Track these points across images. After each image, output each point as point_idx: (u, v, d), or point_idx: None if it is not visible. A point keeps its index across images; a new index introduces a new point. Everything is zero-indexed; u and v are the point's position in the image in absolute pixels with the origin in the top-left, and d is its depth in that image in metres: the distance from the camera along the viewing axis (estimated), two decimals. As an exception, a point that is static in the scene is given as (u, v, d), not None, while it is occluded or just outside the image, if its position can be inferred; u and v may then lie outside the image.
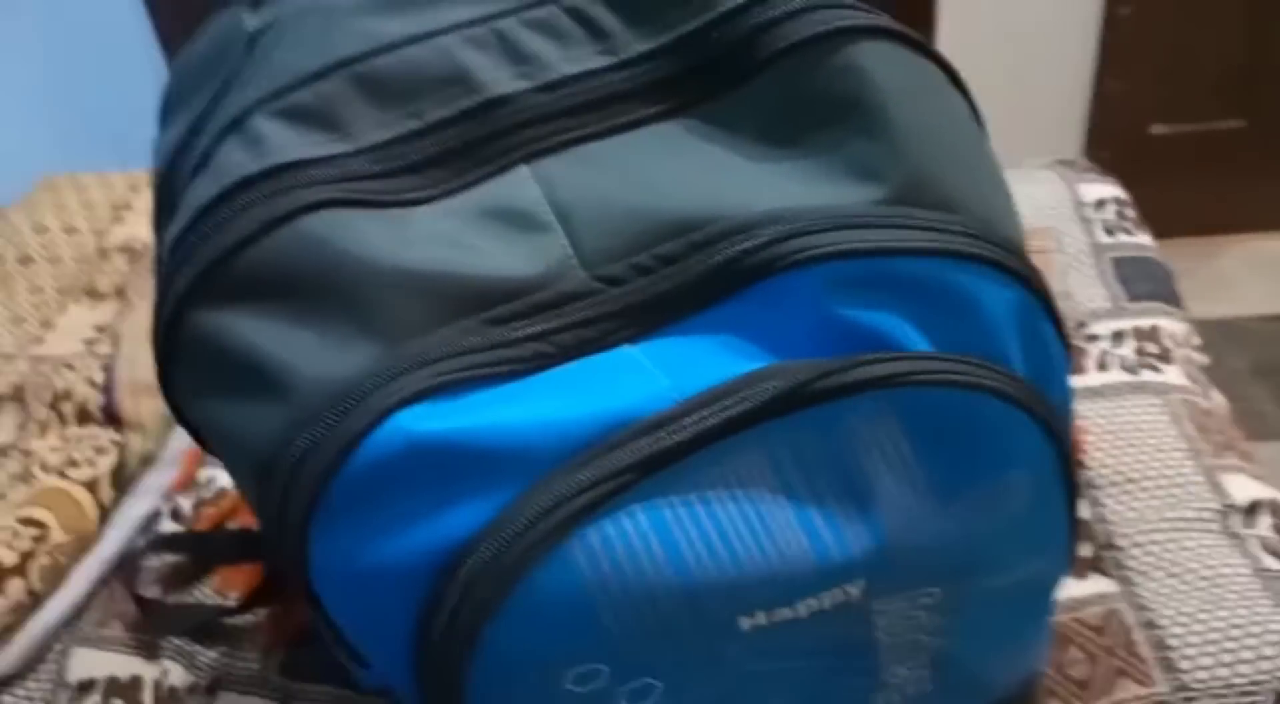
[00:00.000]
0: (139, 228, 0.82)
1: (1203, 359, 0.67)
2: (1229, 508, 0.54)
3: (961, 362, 0.29)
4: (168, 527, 0.62)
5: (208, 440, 0.33)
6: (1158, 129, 1.49)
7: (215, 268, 0.30)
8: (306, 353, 0.30)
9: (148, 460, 0.65)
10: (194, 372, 0.32)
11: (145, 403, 0.66)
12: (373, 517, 0.29)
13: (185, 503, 0.63)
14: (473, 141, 0.33)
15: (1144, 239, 0.76)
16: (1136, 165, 0.88)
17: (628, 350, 0.31)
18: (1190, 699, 0.45)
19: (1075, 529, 0.34)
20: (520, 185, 0.32)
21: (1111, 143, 1.43)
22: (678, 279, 0.31)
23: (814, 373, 0.28)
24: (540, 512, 0.27)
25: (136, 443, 0.64)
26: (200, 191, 0.32)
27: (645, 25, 0.33)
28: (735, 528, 0.28)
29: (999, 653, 0.37)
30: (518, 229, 0.32)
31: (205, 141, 0.34)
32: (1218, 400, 0.63)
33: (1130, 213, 0.78)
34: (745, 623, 0.29)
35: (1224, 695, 0.45)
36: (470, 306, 0.31)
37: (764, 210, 0.30)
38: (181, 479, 0.65)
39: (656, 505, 0.28)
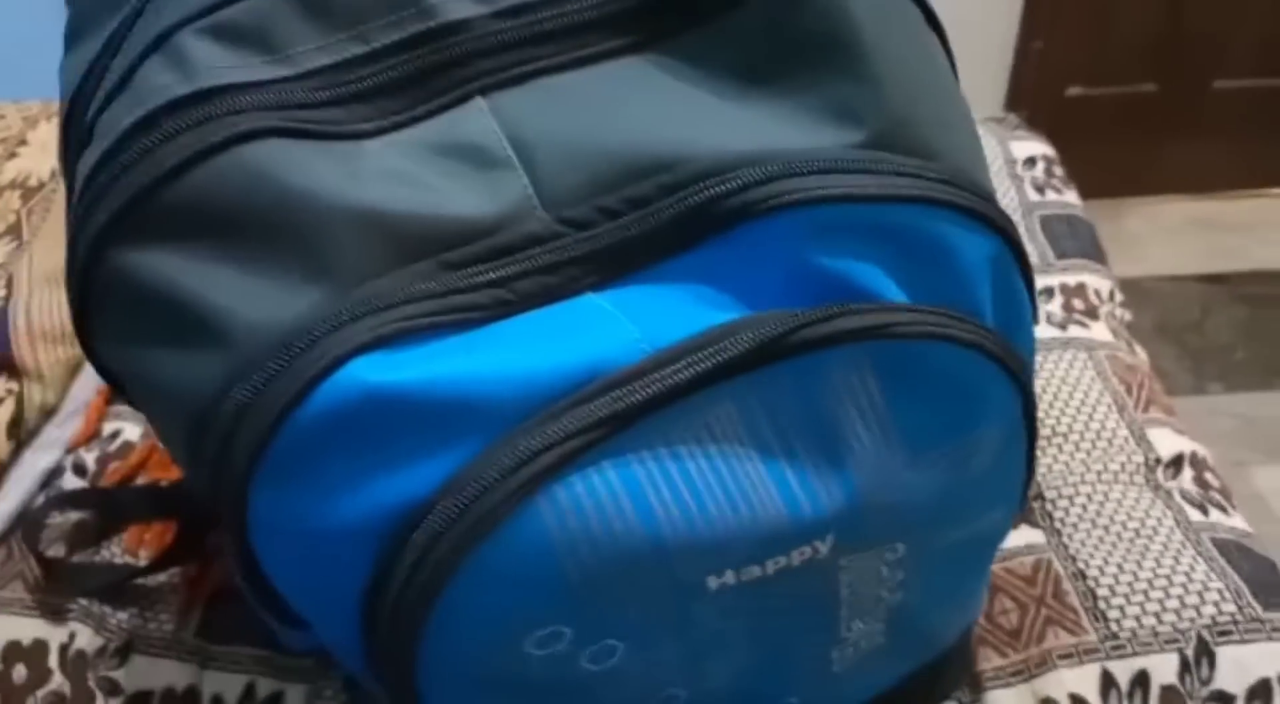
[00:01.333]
0: (34, 162, 0.76)
1: (1126, 315, 0.68)
2: (1154, 461, 0.55)
3: (939, 313, 0.28)
4: (71, 482, 0.58)
5: (131, 392, 0.31)
6: (1073, 91, 1.52)
7: (140, 201, 0.28)
8: (245, 296, 0.27)
9: (48, 412, 0.61)
10: (116, 317, 0.29)
11: (45, 351, 0.61)
12: (321, 472, 0.27)
13: (89, 457, 0.60)
14: (425, 70, 0.30)
15: (1071, 197, 0.77)
16: (1052, 126, 0.90)
17: (593, 298, 0.29)
18: (1118, 647, 0.46)
19: (1030, 481, 0.35)
20: (477, 119, 0.30)
21: (1030, 102, 1.45)
22: (647, 223, 0.29)
23: (791, 324, 0.27)
24: (506, 468, 0.26)
25: (35, 393, 0.60)
26: (120, 115, 0.29)
27: (611, -49, 0.31)
28: (707, 485, 0.27)
29: (948, 605, 0.37)
30: (474, 166, 0.30)
31: (122, 62, 0.30)
32: (1141, 356, 0.65)
33: (1058, 171, 0.79)
34: (713, 582, 0.28)
35: (1150, 643, 0.46)
36: (425, 249, 0.28)
37: (739, 152, 0.29)
38: (84, 432, 0.61)
39: (627, 461, 0.27)
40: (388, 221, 0.28)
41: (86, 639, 0.50)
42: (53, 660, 0.49)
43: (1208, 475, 0.55)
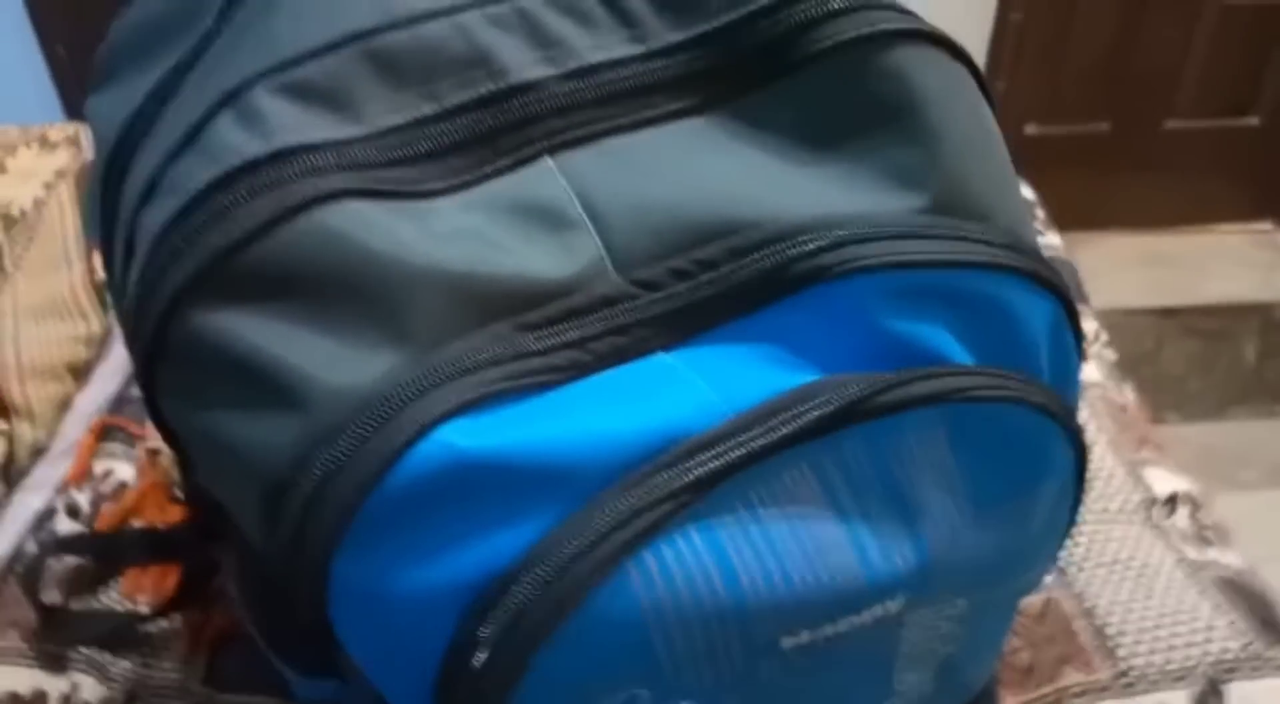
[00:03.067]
0: (14, 190, 0.74)
1: (1112, 355, 0.70)
2: (1150, 500, 0.57)
3: (1008, 377, 0.29)
4: (63, 523, 0.56)
5: (194, 453, 0.30)
6: (1031, 129, 1.57)
7: (220, 260, 0.27)
8: (324, 359, 0.27)
9: (38, 452, 0.59)
10: (188, 375, 0.28)
11: (34, 387, 0.60)
12: (410, 539, 0.26)
13: (81, 498, 0.58)
14: (494, 129, 0.30)
15: (1053, 239, 0.79)
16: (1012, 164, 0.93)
17: (664, 359, 0.29)
18: (1129, 685, 0.48)
19: (1070, 530, 0.36)
20: (546, 179, 0.30)
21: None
22: (719, 286, 0.29)
23: (869, 388, 0.28)
24: (597, 535, 0.26)
25: (26, 432, 0.58)
26: (192, 172, 0.28)
27: (677, 14, 0.32)
28: (787, 547, 0.28)
29: (989, 653, 0.38)
30: (546, 227, 0.30)
31: (185, 113, 0.30)
32: (1129, 394, 0.67)
33: (1039, 212, 0.81)
34: (788, 642, 0.29)
35: (1160, 681, 0.47)
36: (501, 310, 0.28)
37: (808, 216, 0.29)
38: (76, 472, 0.59)
39: (711, 526, 0.27)
40: (465, 282, 0.28)
41: (89, 690, 0.48)
42: (54, 713, 0.48)
43: (1201, 514, 0.57)
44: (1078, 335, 0.33)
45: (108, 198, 0.34)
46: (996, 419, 0.29)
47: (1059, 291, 0.31)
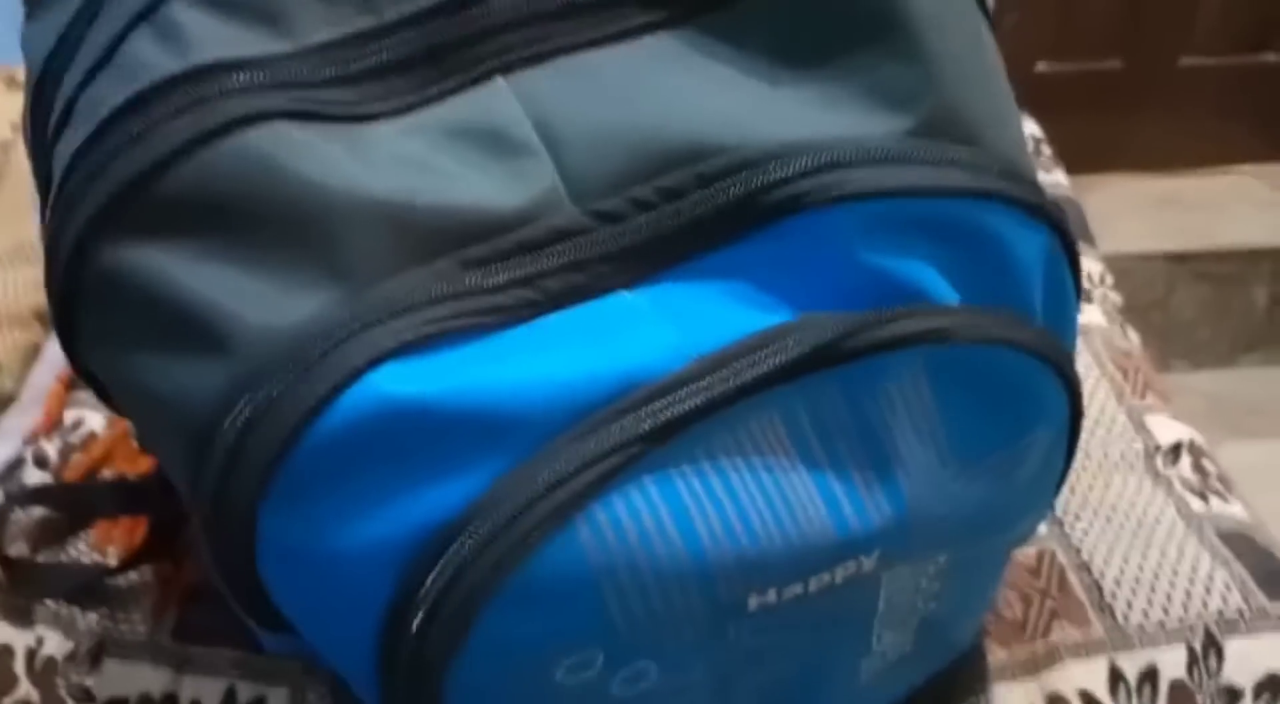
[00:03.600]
0: (-22, 131, 0.72)
1: (1117, 298, 0.68)
2: (1153, 448, 0.55)
3: (996, 316, 0.27)
4: (31, 474, 0.55)
5: (119, 400, 0.28)
6: (1041, 67, 1.52)
7: (131, 191, 0.25)
8: (251, 296, 0.25)
9: (6, 401, 0.58)
10: (104, 316, 0.26)
11: (2, 336, 0.58)
12: (339, 492, 0.24)
13: (50, 448, 0.56)
14: (439, 46, 0.28)
15: (1059, 177, 0.76)
16: (1021, 101, 0.90)
17: (625, 297, 0.27)
18: (1125, 641, 0.46)
19: (1064, 481, 0.33)
20: (497, 100, 0.28)
21: (1003, 77, 1.44)
22: (684, 216, 0.27)
23: (846, 328, 0.25)
24: (543, 486, 0.24)
25: (-9, 380, 0.57)
26: (105, 94, 0.26)
27: (641, -80, 0.29)
28: (752, 500, 0.26)
29: (974, 610, 0.36)
30: (495, 152, 0.27)
31: (104, 32, 0.28)
32: (1134, 340, 0.64)
33: (1046, 150, 0.78)
34: (754, 601, 0.27)
35: (1157, 636, 0.46)
36: (444, 244, 0.26)
37: (783, 140, 0.27)
38: (45, 422, 0.58)
39: (669, 477, 0.25)
40: (405, 214, 0.26)
41: (55, 644, 0.47)
42: (19, 667, 0.47)
43: (1205, 462, 0.55)
44: (1075, 272, 0.30)
45: (35, 130, 0.32)
46: (983, 362, 0.27)
47: (1055, 223, 0.29)
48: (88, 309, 0.26)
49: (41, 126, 0.31)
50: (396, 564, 0.25)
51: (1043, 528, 0.51)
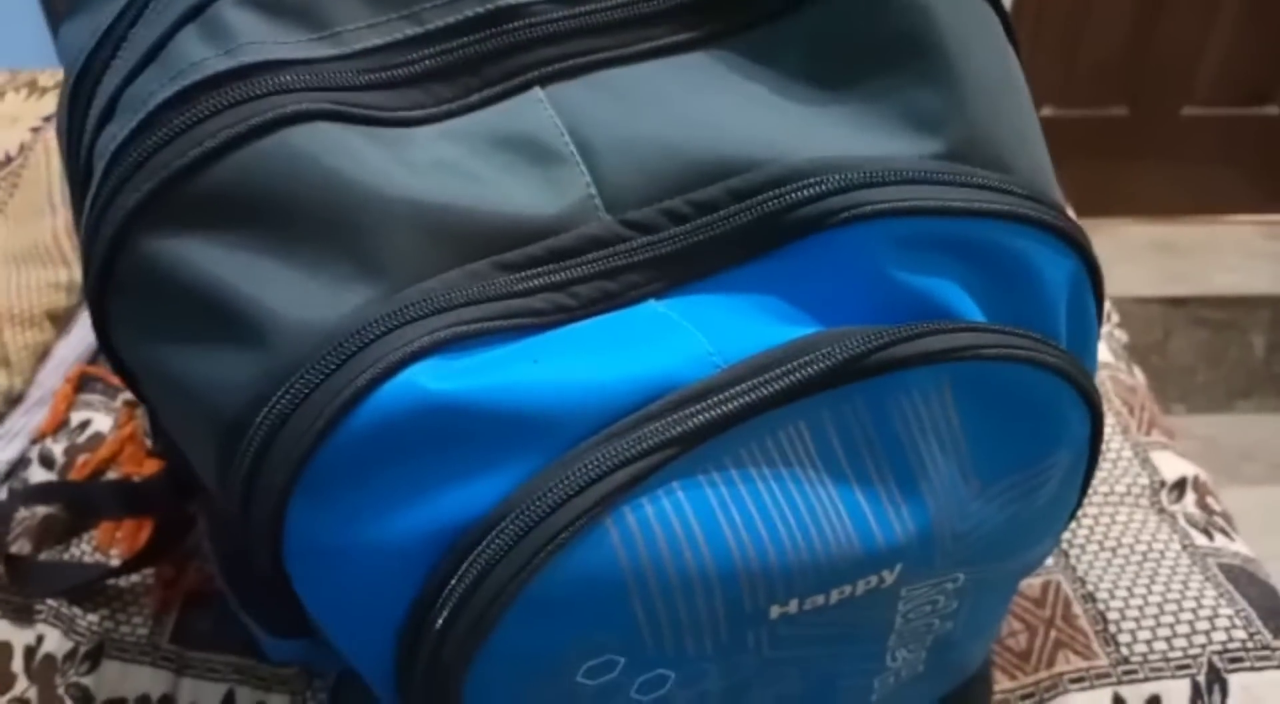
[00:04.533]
0: (0, 135, 0.72)
1: (1123, 336, 0.68)
2: (1159, 484, 0.55)
3: (1021, 335, 0.27)
4: (37, 474, 0.55)
5: (149, 390, 0.28)
6: (1046, 112, 1.54)
7: (175, 182, 0.25)
8: (289, 292, 0.25)
9: (14, 399, 0.58)
10: (141, 306, 0.26)
11: (12, 334, 0.58)
12: (370, 487, 0.24)
13: (56, 448, 0.56)
14: (480, 55, 0.28)
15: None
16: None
17: (656, 306, 0.27)
18: (1130, 672, 0.46)
19: (1079, 507, 0.34)
20: (535, 110, 0.28)
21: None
22: (716, 230, 0.27)
23: (875, 342, 0.26)
24: (573, 487, 0.24)
25: (1, 380, 0.57)
26: (152, 89, 0.26)
27: (680, -60, 0.29)
28: (779, 509, 0.26)
29: (983, 632, 0.36)
30: (533, 161, 0.28)
31: (149, 32, 0.28)
32: (1139, 377, 0.65)
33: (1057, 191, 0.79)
34: (776, 611, 0.27)
35: (1161, 669, 0.46)
36: (480, 248, 0.26)
37: (815, 158, 0.27)
38: (51, 421, 0.58)
39: (698, 483, 0.25)
40: (443, 216, 0.26)
41: (55, 642, 0.47)
42: (17, 664, 0.46)
43: (1209, 500, 0.55)
44: (1099, 299, 0.30)
45: (72, 126, 0.32)
46: (1008, 381, 0.27)
47: (1082, 250, 0.29)
48: (125, 298, 0.27)
49: (80, 122, 0.31)
50: (423, 561, 0.25)
51: (1049, 559, 0.51)
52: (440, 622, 0.24)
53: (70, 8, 0.35)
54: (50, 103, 0.77)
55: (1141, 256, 1.56)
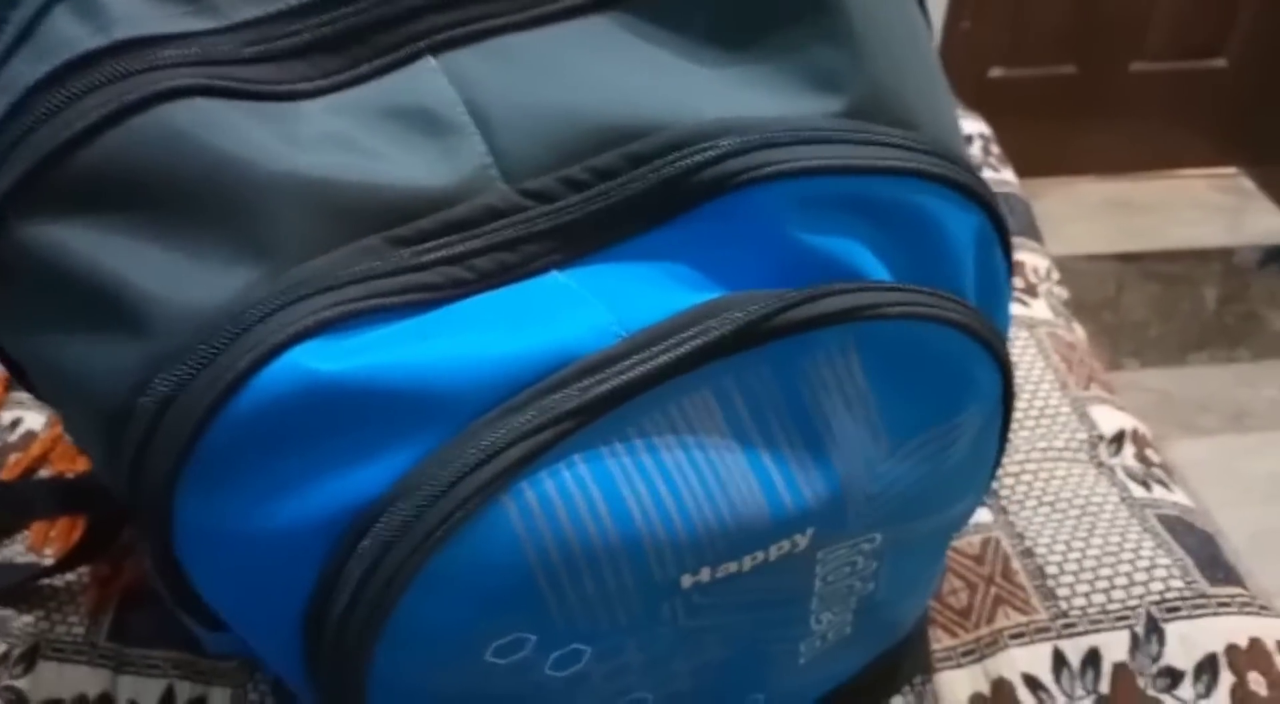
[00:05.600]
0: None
1: (1063, 293, 0.69)
2: (1097, 438, 0.55)
3: (926, 292, 0.27)
4: (-35, 474, 0.54)
5: (35, 381, 0.27)
6: (996, 72, 1.54)
7: (48, 165, 0.24)
8: (168, 275, 0.24)
9: (-62, 399, 0.56)
10: (19, 295, 0.26)
11: (-68, 331, 0.56)
12: (259, 473, 0.24)
13: (-14, 447, 0.55)
14: (368, 24, 0.27)
15: (1008, 175, 0.77)
16: (975, 106, 0.91)
17: (558, 277, 0.27)
18: (1069, 625, 0.46)
19: (998, 466, 0.34)
20: (427, 80, 0.27)
21: (955, 83, 1.46)
22: (616, 196, 0.27)
23: (775, 305, 0.25)
24: (468, 464, 0.23)
25: (-77, 378, 0.55)
26: (22, 71, 0.25)
27: (572, -101, 0.29)
28: (684, 478, 0.25)
29: (913, 593, 0.36)
30: (426, 131, 0.27)
31: (23, 12, 0.27)
32: (1079, 333, 0.65)
33: (995, 149, 0.79)
34: (687, 580, 0.27)
35: (1100, 621, 0.46)
36: (371, 223, 0.26)
37: (715, 120, 0.27)
38: (-20, 420, 0.56)
39: (599, 455, 0.25)
40: (330, 192, 0.25)
41: (-13, 646, 0.46)
42: (-52, 669, 0.45)
43: (1148, 452, 0.56)
44: (1008, 254, 0.30)
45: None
46: (913, 339, 0.27)
47: (988, 205, 0.29)
48: (4, 287, 0.26)
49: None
50: (319, 547, 0.24)
51: (987, 516, 0.52)
52: (340, 607, 0.24)
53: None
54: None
55: (1096, 214, 1.57)
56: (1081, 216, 1.56)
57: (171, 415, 0.23)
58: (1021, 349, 0.61)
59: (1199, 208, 1.59)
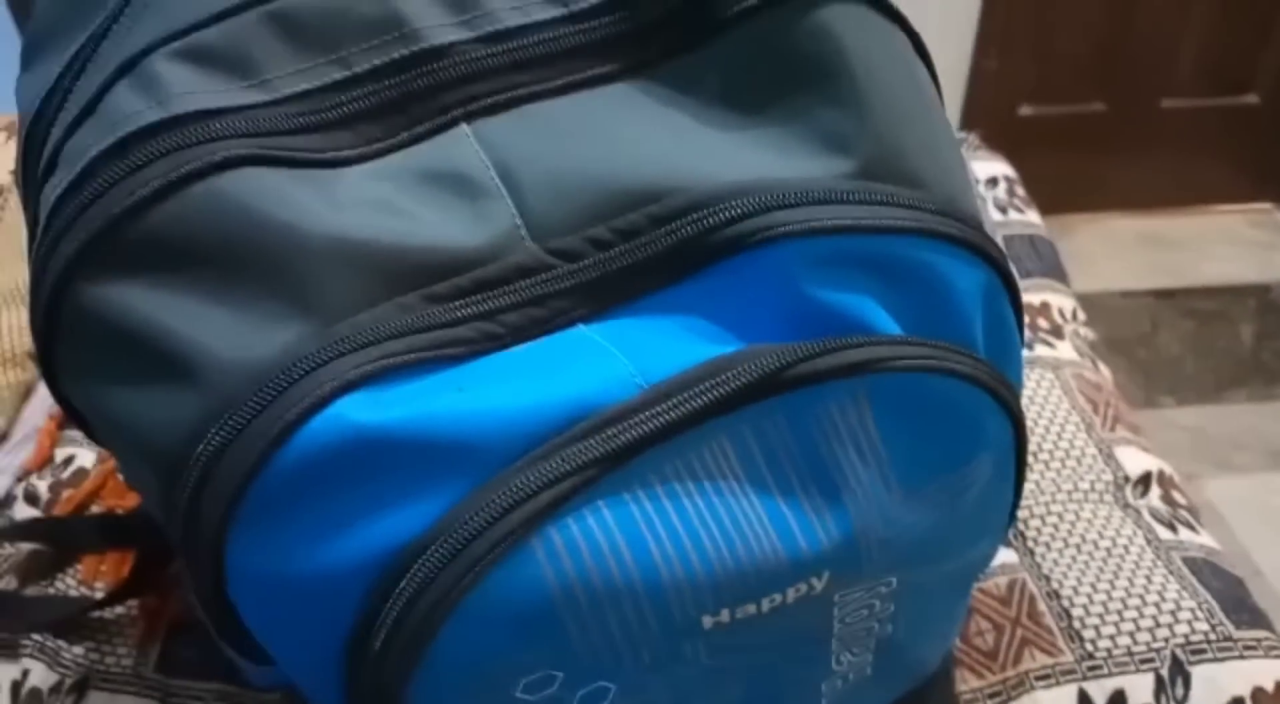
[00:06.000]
0: (-23, 178, 0.73)
1: (1090, 334, 0.69)
2: (1123, 479, 0.56)
3: (935, 346, 0.28)
4: (22, 511, 0.56)
5: (97, 430, 0.29)
6: (1025, 110, 1.55)
7: (111, 231, 0.26)
8: (221, 332, 0.26)
9: (-2, 438, 0.59)
10: (83, 351, 0.27)
11: (-7, 374, 0.59)
12: (305, 517, 0.25)
13: (41, 485, 0.57)
14: (407, 95, 0.29)
15: (1032, 217, 0.78)
16: (1004, 144, 0.91)
17: (583, 331, 0.28)
18: (1094, 667, 0.47)
19: (1016, 510, 0.34)
20: (461, 147, 0.29)
21: (983, 121, 1.47)
22: (637, 255, 0.28)
23: (788, 358, 0.27)
24: (499, 510, 0.25)
25: (-16, 418, 0.58)
26: (87, 142, 0.28)
27: (598, -25, 0.31)
28: (703, 523, 0.27)
29: (934, 633, 0.37)
30: (459, 195, 0.29)
31: (88, 85, 0.29)
32: (1105, 374, 0.65)
33: (1020, 191, 0.80)
34: (708, 621, 0.28)
35: (1125, 663, 0.46)
36: (408, 281, 0.27)
37: (730, 182, 0.28)
38: (36, 459, 0.59)
39: (622, 501, 0.26)
40: (370, 253, 0.27)
41: (40, 676, 0.48)
42: (3, 699, 0.47)
43: (1175, 493, 0.56)
44: (1017, 307, 0.31)
45: (27, 176, 0.33)
46: (923, 390, 0.28)
47: (994, 261, 0.30)
48: (68, 344, 0.28)
49: (32, 173, 0.32)
50: (360, 587, 0.26)
51: (1013, 557, 0.52)
52: (378, 644, 0.25)
53: (24, 60, 0.36)
54: (30, 144, 0.79)
55: (1128, 250, 1.57)
56: (1114, 253, 1.55)
57: (225, 464, 0.25)
58: (1047, 391, 0.61)
59: (1233, 243, 1.58)
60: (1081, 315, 0.70)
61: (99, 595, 0.51)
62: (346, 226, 0.27)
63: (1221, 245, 1.57)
